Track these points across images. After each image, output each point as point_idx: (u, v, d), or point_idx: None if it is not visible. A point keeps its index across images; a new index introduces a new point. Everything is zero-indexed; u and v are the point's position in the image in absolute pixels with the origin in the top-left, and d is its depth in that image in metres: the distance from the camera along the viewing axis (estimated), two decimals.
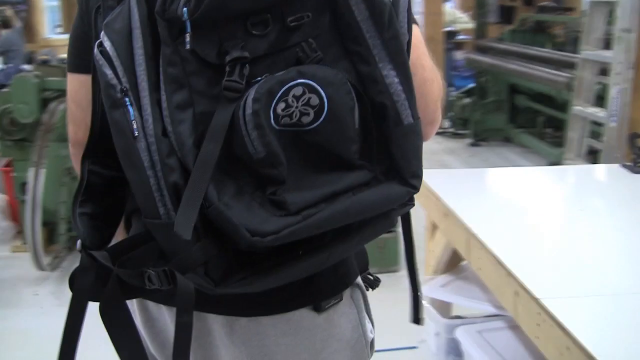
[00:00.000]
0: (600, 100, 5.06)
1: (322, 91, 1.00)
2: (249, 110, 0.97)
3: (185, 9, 0.96)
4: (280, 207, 1.00)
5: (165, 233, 1.02)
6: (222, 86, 0.99)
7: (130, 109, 1.00)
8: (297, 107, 0.99)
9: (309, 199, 1.02)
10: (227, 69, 0.99)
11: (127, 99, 1.01)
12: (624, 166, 2.81)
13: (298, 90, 0.99)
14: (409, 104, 1.05)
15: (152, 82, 1.01)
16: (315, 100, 1.00)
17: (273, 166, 1.00)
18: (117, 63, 1.02)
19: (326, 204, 1.02)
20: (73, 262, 4.71)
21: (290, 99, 0.99)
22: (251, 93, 0.98)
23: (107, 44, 1.03)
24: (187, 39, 0.98)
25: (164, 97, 1.00)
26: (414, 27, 1.16)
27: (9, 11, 8.75)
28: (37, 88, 4.60)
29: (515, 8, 14.58)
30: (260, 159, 0.98)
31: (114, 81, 1.01)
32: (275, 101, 0.98)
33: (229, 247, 1.03)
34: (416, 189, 1.08)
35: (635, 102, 4.57)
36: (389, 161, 1.07)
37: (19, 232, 4.95)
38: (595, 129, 5.17)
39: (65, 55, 1.57)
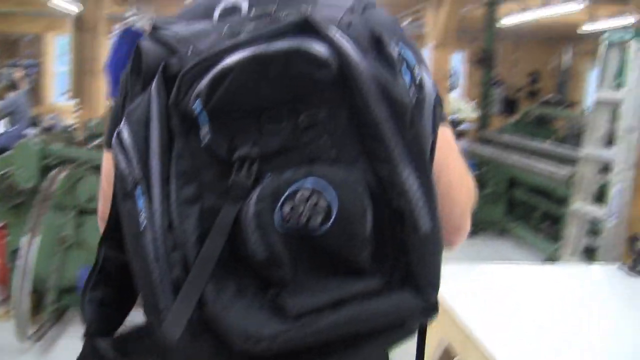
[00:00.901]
0: (600, 197, 5.06)
1: (332, 193, 0.95)
2: (251, 211, 0.94)
3: (197, 102, 0.95)
4: (280, 311, 0.96)
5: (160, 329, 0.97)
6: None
7: (140, 201, 0.98)
8: (304, 210, 0.95)
9: (312, 304, 0.96)
10: (236, 165, 0.96)
11: (138, 191, 0.98)
12: (622, 268, 2.78)
13: (306, 192, 0.95)
14: (428, 210, 0.98)
15: (165, 174, 0.99)
16: (324, 203, 0.95)
17: (275, 268, 0.96)
18: (132, 153, 1.00)
19: (330, 311, 0.97)
20: (57, 334, 4.64)
21: (297, 200, 0.95)
22: (256, 192, 0.95)
23: (125, 133, 1.01)
24: (199, 132, 0.96)
25: (173, 190, 0.97)
26: (443, 126, 1.13)
27: (17, 73, 8.86)
28: (39, 155, 4.62)
29: (520, 100, 14.83)
30: (261, 261, 0.95)
31: (127, 172, 0.99)
32: (280, 202, 0.94)
33: (226, 348, 0.98)
34: (430, 301, 1.02)
35: (635, 202, 4.57)
36: (405, 268, 1.00)
37: (4, 300, 4.87)
38: (593, 226, 5.16)
39: (70, 122, 1.59)
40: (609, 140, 5.03)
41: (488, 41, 9.88)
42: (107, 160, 1.26)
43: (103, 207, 1.28)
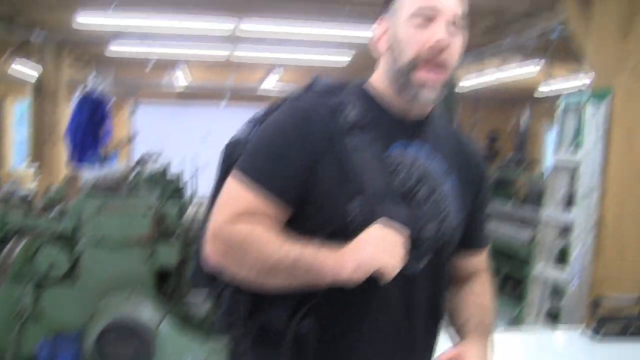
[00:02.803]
0: (562, 259, 5.09)
1: None
2: None
3: None
4: None
5: None
6: None
7: None
8: None
9: None
10: None
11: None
12: (585, 333, 2.78)
13: None
14: None
15: None
16: None
17: None
18: None
19: None
20: None
21: None
22: None
23: None
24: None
25: None
26: None
27: None
28: None
29: None
30: None
31: None
32: None
33: None
34: None
35: (596, 264, 4.60)
36: None
37: None
38: (556, 289, 5.17)
39: (29, 189, 1.67)
40: (569, 202, 5.08)
41: (447, 104, 10.01)
42: None
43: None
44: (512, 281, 7.46)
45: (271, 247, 1.54)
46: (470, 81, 11.58)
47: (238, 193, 1.64)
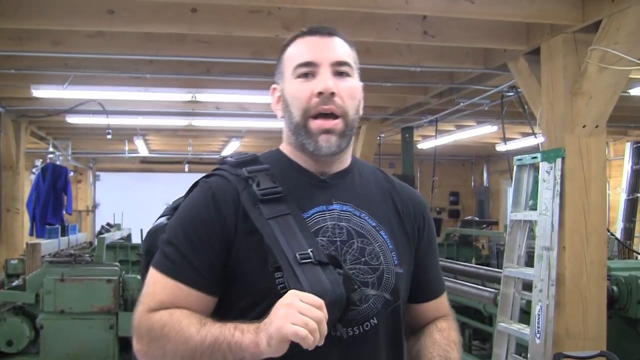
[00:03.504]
0: (526, 314, 5.13)
1: None
2: None
3: None
4: None
5: None
6: None
7: None
8: None
9: None
10: None
11: None
12: None
13: None
14: None
15: None
16: None
17: None
18: None
19: None
20: None
21: None
22: None
23: None
24: None
25: None
26: None
27: None
28: None
29: (442, 221, 15.12)
30: None
31: None
32: None
33: None
34: None
35: (558, 319, 4.64)
36: None
37: None
38: (523, 342, 5.19)
39: None
40: (530, 260, 5.14)
41: (407, 165, 10.15)
42: None
43: None
44: (479, 339, 7.49)
45: (190, 331, 1.53)
46: (428, 142, 11.76)
47: (156, 285, 1.64)
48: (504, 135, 7.74)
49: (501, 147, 11.95)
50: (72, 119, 9.07)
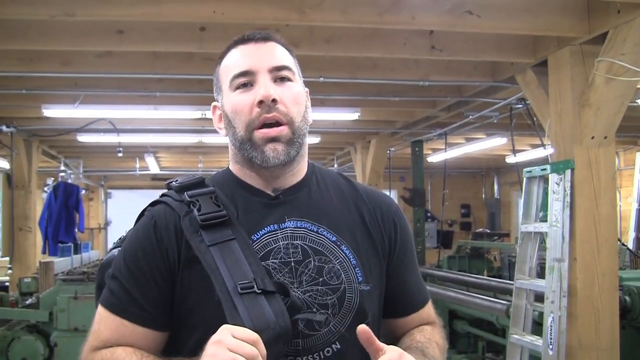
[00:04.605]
0: (539, 326, 5.12)
1: None
2: None
3: None
4: None
5: None
6: None
7: None
8: None
9: None
10: None
11: None
12: None
13: None
14: None
15: None
16: None
17: None
18: None
19: None
20: None
21: None
22: None
23: None
24: None
25: None
26: None
27: None
28: None
29: (453, 233, 15.09)
30: None
31: None
32: None
33: None
34: None
35: (571, 330, 4.63)
36: None
37: None
38: (536, 354, 5.18)
39: (2, 280, 1.66)
40: (542, 271, 5.13)
41: (417, 178, 10.15)
42: None
43: None
44: (492, 351, 7.46)
45: None
46: (438, 155, 11.78)
47: (101, 323, 1.57)
48: (513, 147, 7.73)
49: (511, 159, 11.95)
50: (82, 138, 9.15)
